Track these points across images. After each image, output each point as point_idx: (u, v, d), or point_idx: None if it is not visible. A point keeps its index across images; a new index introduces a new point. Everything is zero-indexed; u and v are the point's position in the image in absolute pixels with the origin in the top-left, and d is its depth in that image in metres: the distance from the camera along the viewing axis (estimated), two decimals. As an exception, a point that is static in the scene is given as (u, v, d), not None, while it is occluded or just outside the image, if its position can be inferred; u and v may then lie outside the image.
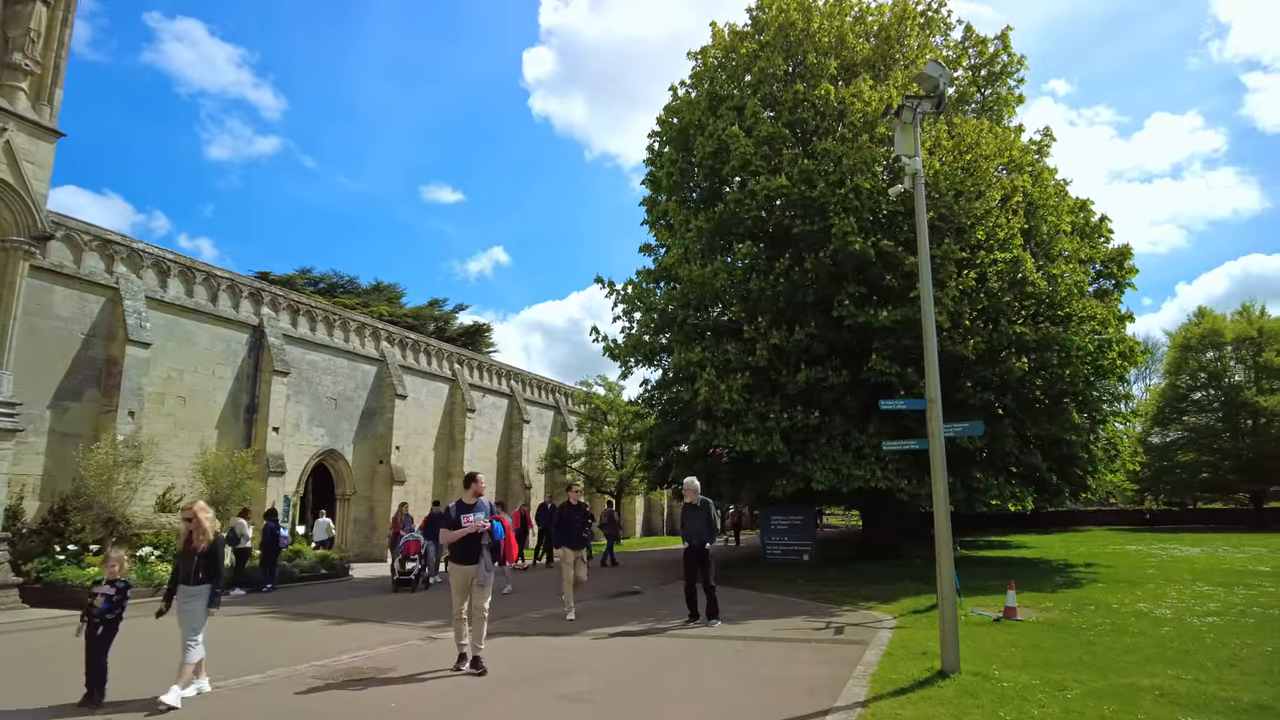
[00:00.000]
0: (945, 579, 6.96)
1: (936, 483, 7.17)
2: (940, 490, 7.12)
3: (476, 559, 7.69)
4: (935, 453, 7.24)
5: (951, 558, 7.07)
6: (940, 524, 7.09)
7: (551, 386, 41.93)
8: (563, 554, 11.77)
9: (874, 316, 16.78)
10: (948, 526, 7.10)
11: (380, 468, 29.00)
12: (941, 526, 7.07)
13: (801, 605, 12.96)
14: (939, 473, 7.18)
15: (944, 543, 7.03)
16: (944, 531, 7.07)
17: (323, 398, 26.95)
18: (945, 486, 7.13)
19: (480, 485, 8.15)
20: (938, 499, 7.13)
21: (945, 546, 7.02)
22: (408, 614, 12.50)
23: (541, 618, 11.97)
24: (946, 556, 7.01)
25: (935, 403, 7.37)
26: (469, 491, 8.06)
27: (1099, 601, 12.35)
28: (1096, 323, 17.83)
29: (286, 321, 25.93)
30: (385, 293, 63.24)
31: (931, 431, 7.31)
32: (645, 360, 22.45)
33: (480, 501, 8.01)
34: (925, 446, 13.14)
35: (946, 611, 6.88)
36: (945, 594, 6.95)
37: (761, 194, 17.67)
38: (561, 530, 12.16)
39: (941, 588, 6.99)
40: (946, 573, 6.98)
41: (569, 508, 12.34)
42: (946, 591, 6.94)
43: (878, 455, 17.39)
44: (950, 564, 7.04)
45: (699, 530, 11.03)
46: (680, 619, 11.18)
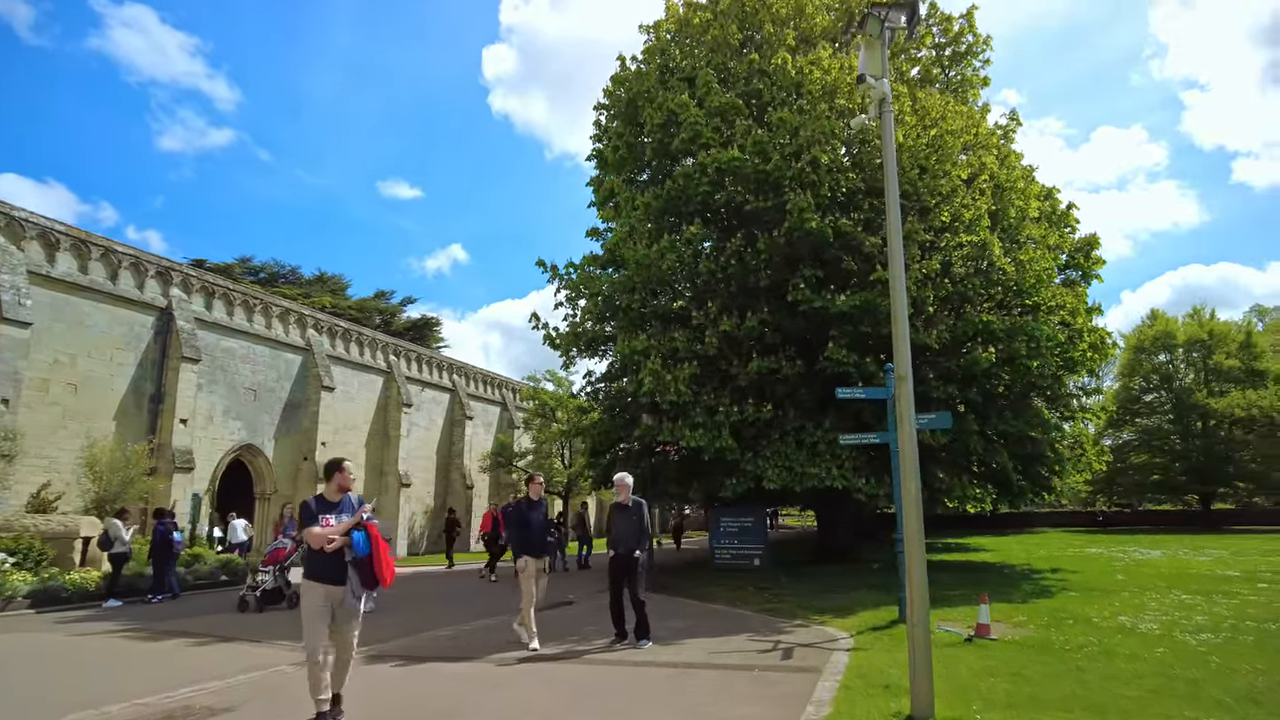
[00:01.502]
0: (918, 601, 5.50)
1: (906, 478, 5.71)
2: (911, 488, 5.66)
3: (343, 576, 5.73)
4: (905, 442, 5.78)
5: (924, 572, 5.61)
6: (910, 528, 5.62)
7: (498, 382, 40.07)
8: (523, 564, 9.20)
9: (831, 301, 15.42)
10: (919, 532, 5.64)
11: (304, 465, 26.95)
12: (912, 532, 5.61)
13: (748, 619, 11.48)
14: (909, 464, 5.72)
15: (915, 552, 5.57)
16: (914, 538, 5.61)
17: (240, 388, 24.83)
18: (917, 483, 5.68)
19: (346, 477, 6.09)
20: (907, 498, 5.66)
21: (916, 557, 5.56)
22: (293, 632, 10.71)
23: (451, 636, 10.31)
24: (919, 570, 5.55)
25: (906, 381, 5.92)
26: (331, 485, 6.01)
27: (1076, 614, 11.09)
28: (1066, 312, 16.73)
29: (200, 304, 23.78)
30: (329, 284, 60.76)
31: (901, 415, 5.86)
32: (589, 350, 20.88)
33: (347, 499, 6.02)
34: (886, 440, 11.81)
35: (918, 640, 5.42)
36: (917, 619, 5.48)
37: (712, 167, 16.19)
38: (520, 533, 9.37)
39: (912, 611, 5.52)
40: (919, 592, 5.51)
41: (529, 504, 9.56)
42: (919, 616, 5.48)
43: (834, 452, 16.07)
44: (923, 579, 5.58)
45: (628, 535, 9.44)
46: (607, 638, 9.61)
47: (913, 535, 5.62)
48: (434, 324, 63.17)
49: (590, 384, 21.85)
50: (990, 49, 22.21)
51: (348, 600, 5.75)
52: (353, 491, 6.22)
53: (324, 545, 5.60)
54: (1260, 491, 48.33)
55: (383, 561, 5.77)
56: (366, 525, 5.77)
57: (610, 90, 21.04)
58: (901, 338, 5.98)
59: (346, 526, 5.71)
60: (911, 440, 5.82)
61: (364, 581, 5.72)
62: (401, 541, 30.71)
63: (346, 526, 5.71)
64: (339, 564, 5.69)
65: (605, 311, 19.40)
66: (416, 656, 9.00)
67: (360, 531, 5.72)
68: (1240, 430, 46.08)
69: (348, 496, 6.04)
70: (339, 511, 5.85)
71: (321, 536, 5.62)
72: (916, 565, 5.57)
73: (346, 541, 5.68)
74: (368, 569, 5.71)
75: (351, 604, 5.78)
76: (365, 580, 5.72)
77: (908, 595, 5.64)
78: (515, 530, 9.51)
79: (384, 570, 5.77)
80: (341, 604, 5.74)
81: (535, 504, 9.56)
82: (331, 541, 5.62)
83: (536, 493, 9.68)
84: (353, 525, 5.73)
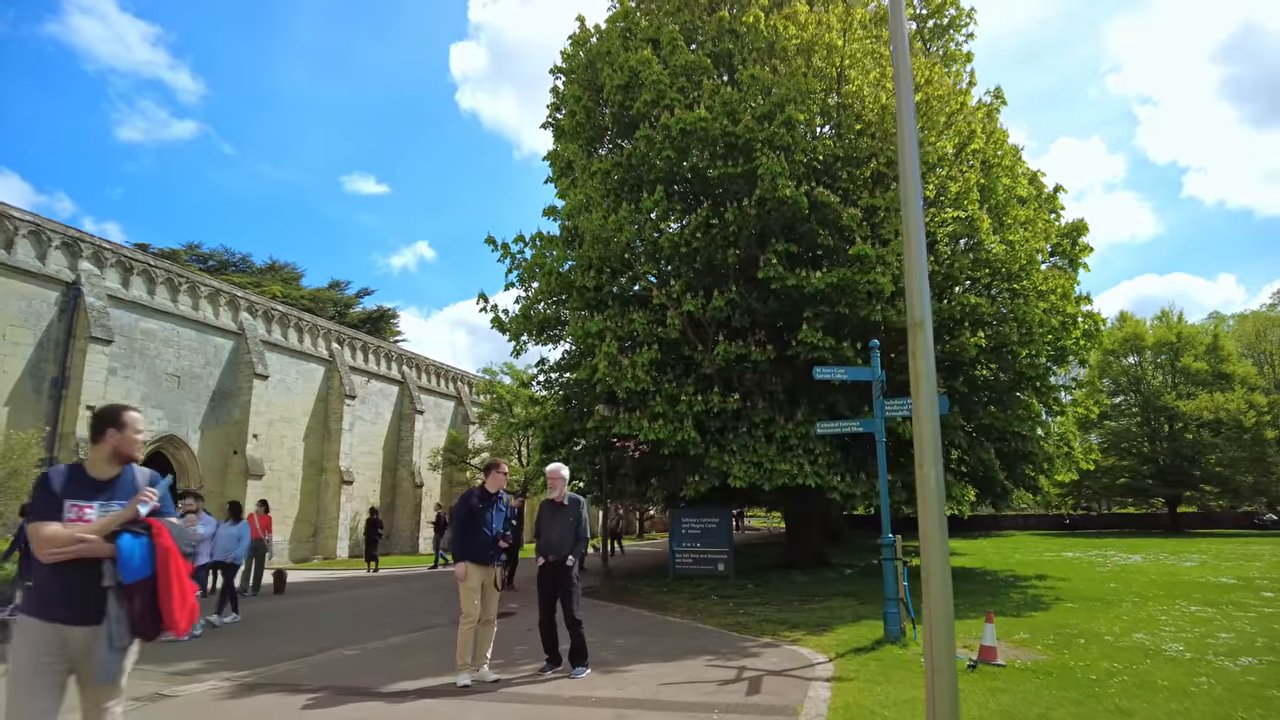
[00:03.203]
0: (940, 641, 3.89)
1: (924, 462, 4.10)
2: (931, 476, 4.06)
3: (97, 613, 3.26)
4: (923, 412, 4.18)
5: (948, 598, 4.00)
6: (931, 533, 4.02)
7: (453, 374, 38.06)
8: (463, 572, 7.14)
9: (806, 279, 13.85)
10: (941, 539, 4.04)
11: (234, 459, 24.77)
12: (934, 541, 4.00)
13: (708, 636, 9.84)
14: (928, 442, 4.12)
15: (937, 572, 3.97)
16: (935, 549, 4.00)
17: (161, 374, 22.64)
18: (938, 469, 4.08)
19: (127, 441, 3.57)
20: (926, 491, 4.06)
21: (939, 579, 3.96)
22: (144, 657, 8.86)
23: (354, 657, 8.53)
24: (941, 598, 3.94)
25: (923, 328, 4.32)
26: (102, 448, 3.52)
27: (1084, 631, 9.65)
28: (1057, 296, 15.38)
29: (115, 281, 21.55)
30: (281, 273, 58.31)
31: (917, 374, 4.25)
32: (541, 335, 19.12)
33: (127, 474, 3.58)
34: (869, 429, 10.27)
35: (941, 691, 3.81)
36: (940, 663, 3.88)
37: (676, 129, 14.55)
38: (465, 532, 7.26)
39: (933, 654, 3.91)
40: (942, 624, 3.91)
41: (483, 497, 7.43)
42: (942, 660, 3.87)
43: (806, 447, 14.56)
44: (947, 607, 3.97)
45: (560, 539, 7.71)
46: (537, 663, 7.91)
47: (934, 546, 4.01)
48: (390, 316, 60.94)
49: (543, 371, 20.09)
50: (974, 22, 20.92)
51: (98, 655, 3.24)
52: (143, 468, 3.72)
53: (61, 553, 3.22)
54: (1225, 495, 48.08)
55: (174, 591, 3.36)
56: (150, 525, 3.39)
57: (568, 53, 19.32)
58: (917, 264, 4.39)
59: (110, 523, 3.34)
60: (930, 409, 4.22)
61: (136, 625, 3.31)
62: (342, 543, 28.63)
63: (110, 523, 3.34)
64: (90, 589, 3.26)
65: (560, 293, 17.67)
66: (293, 685, 7.22)
67: (136, 537, 3.35)
68: (1208, 433, 45.71)
69: (129, 470, 3.60)
70: (107, 497, 3.45)
71: (58, 539, 3.23)
72: (939, 591, 3.96)
73: (108, 551, 3.27)
74: (145, 603, 3.32)
75: (106, 663, 3.25)
76: (139, 622, 3.33)
77: (926, 626, 4.03)
78: (460, 529, 7.30)
79: (176, 606, 3.36)
80: (88, 660, 3.27)
81: (492, 498, 7.46)
82: (76, 546, 3.23)
83: (496, 485, 7.54)
84: (123, 522, 3.36)
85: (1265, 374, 54.35)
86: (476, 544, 7.26)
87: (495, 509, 7.42)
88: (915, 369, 4.32)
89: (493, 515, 7.37)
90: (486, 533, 7.29)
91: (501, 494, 7.58)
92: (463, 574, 7.15)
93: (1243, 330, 60.33)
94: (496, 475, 7.56)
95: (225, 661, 8.40)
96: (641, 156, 15.51)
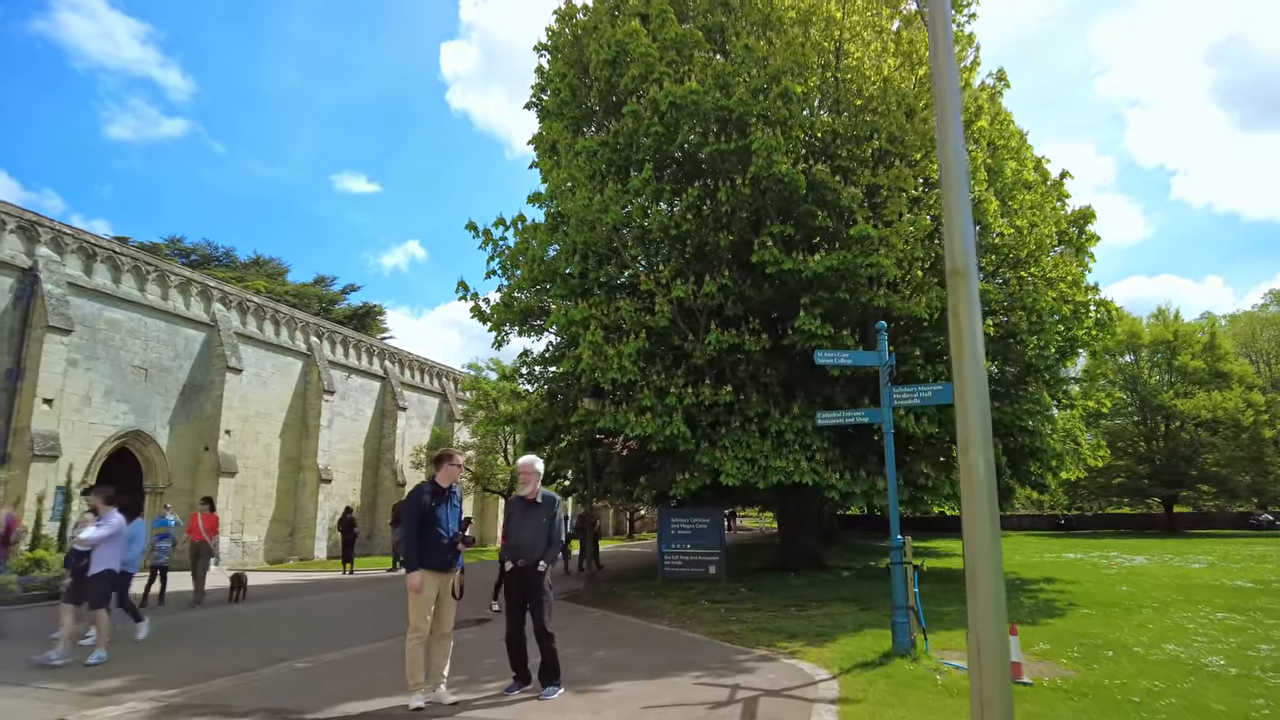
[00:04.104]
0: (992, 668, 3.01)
1: (969, 446, 3.23)
2: (980, 461, 3.19)
3: None
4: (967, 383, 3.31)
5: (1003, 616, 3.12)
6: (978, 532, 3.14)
7: (437, 370, 37.08)
8: (417, 581, 6.16)
9: (803, 263, 12.97)
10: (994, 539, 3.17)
11: (206, 455, 23.75)
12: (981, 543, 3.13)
13: (698, 647, 8.95)
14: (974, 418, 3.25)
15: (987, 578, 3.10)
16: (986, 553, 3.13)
17: (127, 366, 21.61)
18: (988, 453, 3.22)
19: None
20: (973, 479, 3.19)
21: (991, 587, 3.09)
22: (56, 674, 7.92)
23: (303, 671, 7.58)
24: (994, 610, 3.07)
25: (966, 276, 3.46)
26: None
27: (1109, 641, 8.81)
28: (1067, 284, 14.56)
29: (76, 267, 20.52)
30: (265, 268, 57.27)
31: (959, 333, 3.38)
32: (524, 325, 18.17)
33: None
34: (875, 420, 9.40)
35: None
36: (991, 695, 3.00)
37: (665, 103, 13.65)
38: (418, 533, 6.28)
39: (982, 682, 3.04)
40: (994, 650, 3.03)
41: (434, 492, 6.42)
42: (994, 692, 3.00)
43: (803, 442, 13.72)
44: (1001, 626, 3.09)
45: (532, 541, 6.77)
46: (504, 680, 6.98)
47: (983, 550, 3.13)
48: (376, 313, 59.94)
49: (525, 364, 19.14)
50: (977, 2, 20.06)
51: None
52: None
53: None
54: (1223, 494, 47.55)
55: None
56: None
57: (554, 30, 18.40)
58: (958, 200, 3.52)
59: None
60: (976, 379, 3.34)
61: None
62: (320, 544, 27.61)
63: None
64: None
65: (544, 281, 16.75)
66: (223, 707, 6.29)
67: None
68: (1205, 432, 45.16)
69: None
70: None
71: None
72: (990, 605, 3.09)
73: None
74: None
75: None
76: None
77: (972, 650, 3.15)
78: (413, 530, 6.30)
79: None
80: None
81: (445, 494, 6.46)
82: None
83: (449, 478, 6.55)
84: None
85: (1262, 373, 53.87)
86: (431, 547, 6.33)
87: (449, 506, 6.49)
88: (957, 328, 3.44)
89: (447, 514, 6.44)
90: (441, 534, 6.36)
91: (455, 489, 6.66)
92: (418, 584, 6.20)
93: (1235, 330, 59.89)
94: (449, 467, 6.58)
95: (152, 679, 7.45)
96: (629, 134, 14.62)
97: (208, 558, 14.30)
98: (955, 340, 3.42)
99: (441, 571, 6.36)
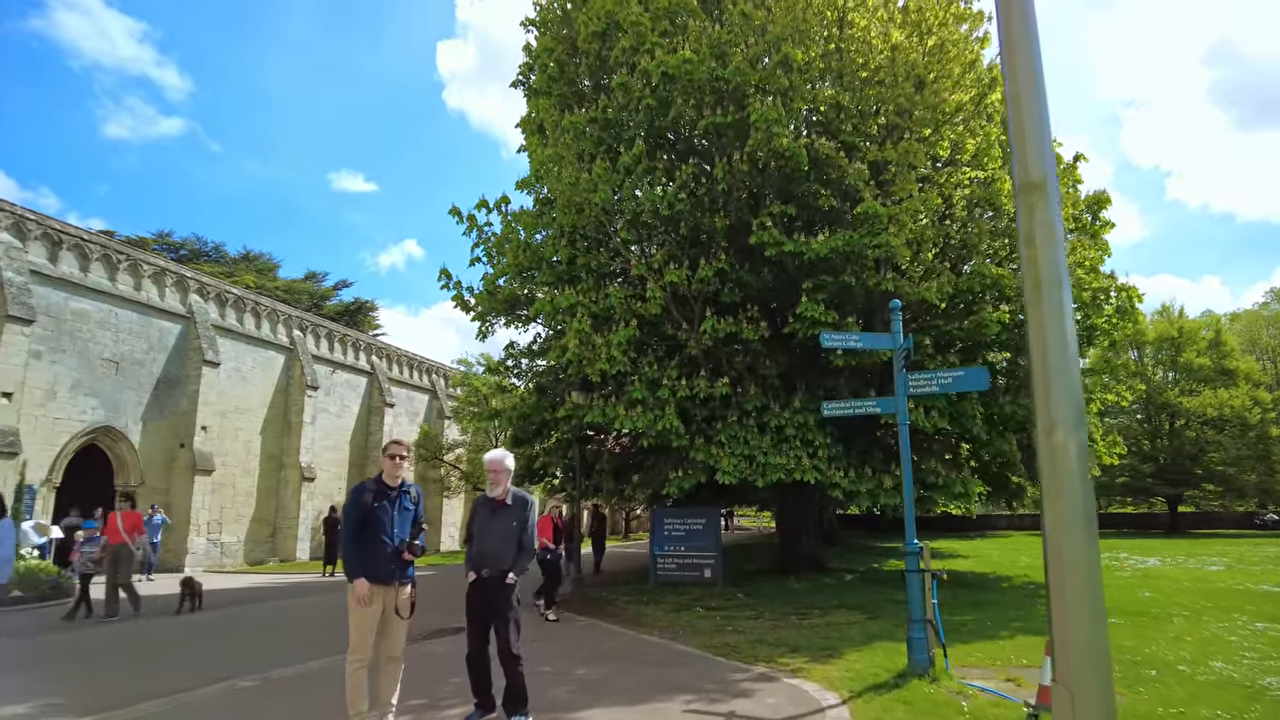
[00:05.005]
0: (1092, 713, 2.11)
1: (1055, 424, 2.33)
2: (1071, 444, 2.29)
3: None
4: (1049, 337, 2.41)
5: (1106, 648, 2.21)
6: (1069, 535, 2.24)
7: (427, 366, 36.14)
8: (362, 592, 5.21)
9: (805, 245, 12.05)
10: (1089, 546, 2.27)
11: (181, 452, 22.81)
12: (1075, 550, 2.23)
13: (690, 663, 8.05)
14: (1059, 385, 2.35)
15: (1081, 595, 2.20)
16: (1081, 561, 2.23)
17: (96, 359, 20.65)
18: (1082, 434, 2.32)
19: None
20: (1059, 465, 2.29)
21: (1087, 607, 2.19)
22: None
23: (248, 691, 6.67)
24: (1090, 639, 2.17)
25: (1044, 192, 2.55)
26: None
27: (1148, 657, 7.91)
28: (1084, 270, 13.68)
29: (40, 255, 19.56)
30: (255, 263, 56.38)
31: (1035, 267, 2.48)
32: (510, 315, 17.26)
33: None
34: (888, 410, 8.49)
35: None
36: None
37: (657, 73, 12.74)
38: (360, 539, 5.36)
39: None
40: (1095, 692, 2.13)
41: (379, 490, 5.47)
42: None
43: (804, 438, 12.82)
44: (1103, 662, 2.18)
45: (500, 548, 5.84)
46: (466, 706, 6.07)
47: (1076, 558, 2.24)
48: (369, 309, 59.08)
49: (511, 356, 18.22)
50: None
51: None
52: None
53: None
54: (1229, 493, 46.74)
55: None
56: None
57: (542, 4, 17.45)
58: (1033, 92, 2.61)
59: None
60: (1060, 337, 2.44)
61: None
62: (303, 544, 26.67)
63: None
64: None
65: (530, 268, 15.83)
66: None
67: None
68: (1211, 430, 44.31)
69: None
70: None
71: None
72: (1086, 632, 2.20)
73: None
74: None
75: None
76: None
77: (1062, 692, 2.25)
78: (349, 533, 5.37)
79: None
80: None
81: (392, 493, 5.49)
82: None
83: (395, 474, 5.54)
84: None
85: (1268, 370, 53.08)
86: (371, 555, 5.40)
87: (399, 508, 5.56)
88: (1034, 263, 2.53)
89: (394, 516, 5.51)
90: (385, 541, 5.43)
91: (410, 488, 5.74)
92: (365, 593, 5.24)
93: (1238, 329, 59.07)
94: (391, 459, 5.63)
95: (67, 704, 6.53)
96: (618, 109, 13.69)
97: (129, 562, 12.43)
98: (1031, 280, 2.51)
99: (383, 584, 5.40)
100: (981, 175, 12.93)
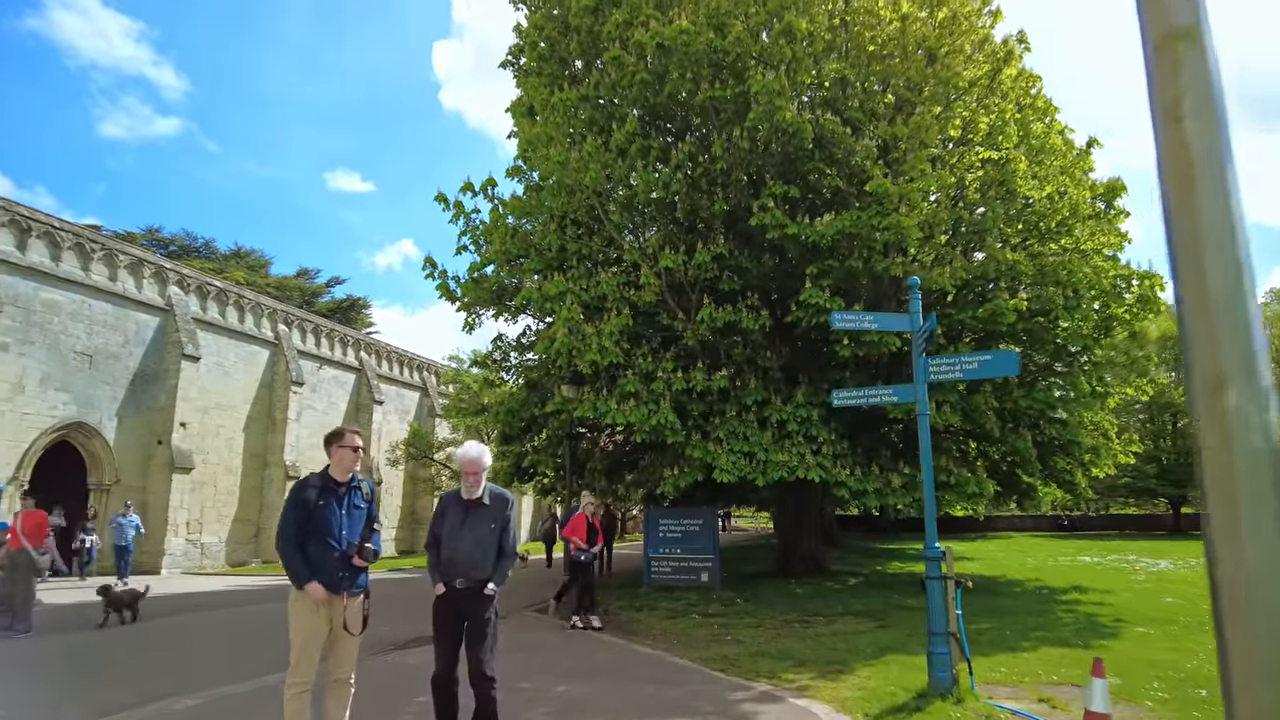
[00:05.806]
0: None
1: (1224, 385, 1.54)
2: (1251, 411, 1.52)
3: None
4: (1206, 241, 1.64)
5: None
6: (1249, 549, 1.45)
7: (418, 363, 35.34)
8: (321, 593, 4.52)
9: (809, 228, 11.30)
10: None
11: (159, 450, 21.98)
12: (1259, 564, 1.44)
13: (685, 679, 7.27)
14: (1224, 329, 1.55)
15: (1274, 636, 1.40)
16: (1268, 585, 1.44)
17: (68, 352, 19.83)
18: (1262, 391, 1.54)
19: None
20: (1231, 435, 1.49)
21: None
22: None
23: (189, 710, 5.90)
24: None
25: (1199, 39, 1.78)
26: None
27: (1188, 672, 7.16)
28: (1102, 256, 12.94)
29: (8, 242, 18.73)
30: (246, 259, 55.59)
31: (1186, 151, 1.72)
32: (497, 305, 16.48)
33: None
34: (904, 400, 7.73)
35: None
36: None
37: (652, 46, 11.97)
38: (296, 538, 4.58)
39: None
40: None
41: (327, 488, 4.73)
42: None
43: (807, 434, 12.08)
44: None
45: (478, 555, 4.98)
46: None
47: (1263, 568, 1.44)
48: (361, 306, 58.22)
49: (499, 349, 17.44)
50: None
51: None
52: None
53: None
54: (1234, 495, 46.09)
55: None
56: None
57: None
58: None
59: None
60: (1223, 255, 1.68)
61: None
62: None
63: None
64: None
65: (519, 256, 15.05)
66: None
67: None
68: (1216, 430, 43.68)
69: None
70: None
71: None
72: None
73: None
74: None
75: None
76: None
77: None
78: (287, 535, 4.57)
79: None
80: None
81: (341, 490, 4.75)
82: None
83: (345, 467, 4.78)
84: None
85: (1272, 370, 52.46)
86: (318, 562, 4.62)
87: (348, 507, 4.78)
88: (1180, 142, 1.73)
89: (342, 516, 4.73)
90: (331, 544, 4.65)
91: (362, 483, 4.95)
92: (323, 595, 4.50)
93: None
94: (340, 451, 4.80)
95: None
96: (610, 86, 12.93)
97: (27, 569, 10.68)
98: (1176, 171, 1.74)
99: (337, 590, 4.63)
100: (995, 156, 12.19)
